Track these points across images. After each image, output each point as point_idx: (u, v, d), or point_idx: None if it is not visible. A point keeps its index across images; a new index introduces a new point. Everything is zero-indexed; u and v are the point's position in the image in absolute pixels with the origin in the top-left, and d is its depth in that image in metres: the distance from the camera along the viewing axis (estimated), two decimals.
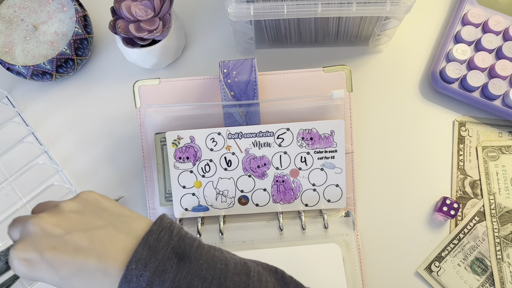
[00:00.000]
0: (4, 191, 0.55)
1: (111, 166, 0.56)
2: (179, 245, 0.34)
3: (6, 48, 0.55)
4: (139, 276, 0.32)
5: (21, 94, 0.59)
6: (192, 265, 0.33)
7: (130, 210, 0.37)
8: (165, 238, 0.34)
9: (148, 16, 0.52)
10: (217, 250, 0.36)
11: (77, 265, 0.33)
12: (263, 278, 0.35)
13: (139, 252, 0.33)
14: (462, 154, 0.54)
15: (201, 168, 0.49)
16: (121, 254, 0.33)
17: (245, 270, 0.34)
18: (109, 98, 0.59)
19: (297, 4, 0.46)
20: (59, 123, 0.58)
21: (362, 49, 0.59)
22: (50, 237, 0.34)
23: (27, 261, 0.33)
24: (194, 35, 0.60)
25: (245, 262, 0.36)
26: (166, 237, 0.34)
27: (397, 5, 0.46)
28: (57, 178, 0.56)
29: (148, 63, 0.56)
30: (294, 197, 0.50)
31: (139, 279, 0.32)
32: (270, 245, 0.49)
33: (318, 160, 0.49)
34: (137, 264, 0.32)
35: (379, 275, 0.52)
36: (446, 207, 0.51)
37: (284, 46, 0.59)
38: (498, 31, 0.55)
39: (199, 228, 0.50)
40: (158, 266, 0.33)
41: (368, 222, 0.53)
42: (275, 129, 0.48)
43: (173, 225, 0.36)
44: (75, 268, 0.33)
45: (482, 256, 0.51)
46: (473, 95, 0.54)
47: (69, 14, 0.55)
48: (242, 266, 0.35)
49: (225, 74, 0.48)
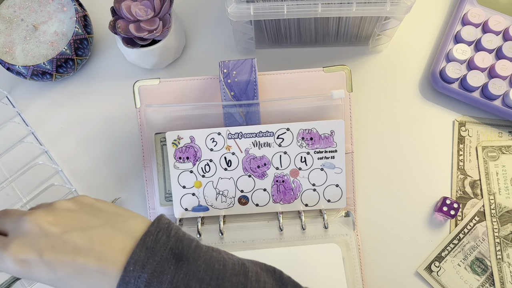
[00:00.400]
0: (4, 191, 0.55)
1: (111, 166, 0.56)
2: (177, 246, 0.34)
3: (6, 48, 0.55)
4: (137, 278, 0.32)
5: (21, 94, 0.59)
6: (190, 266, 0.33)
7: (126, 209, 0.37)
8: (163, 239, 0.34)
9: (148, 16, 0.52)
10: (215, 250, 0.36)
11: (77, 266, 0.32)
12: (261, 278, 0.34)
13: (137, 253, 0.33)
14: (462, 154, 0.54)
15: (201, 168, 0.49)
16: (120, 255, 0.33)
17: (243, 271, 0.34)
18: (109, 98, 0.59)
19: (297, 4, 0.46)
20: (59, 123, 0.58)
21: (362, 49, 0.59)
22: (48, 236, 0.33)
23: (24, 262, 0.32)
24: (194, 35, 0.60)
25: (243, 262, 0.35)
26: (164, 238, 0.34)
27: (397, 5, 0.46)
28: (57, 178, 0.56)
29: (148, 63, 0.56)
30: (294, 197, 0.50)
31: (137, 281, 0.32)
32: (270, 245, 0.49)
33: (318, 160, 0.49)
34: (135, 266, 0.32)
35: (379, 275, 0.52)
36: (446, 207, 0.51)
37: (284, 46, 0.59)
38: (498, 31, 0.55)
39: (199, 228, 0.50)
40: (156, 268, 0.32)
41: (368, 222, 0.53)
42: (275, 129, 0.48)
43: (171, 226, 0.35)
44: (74, 269, 0.32)
45: (482, 256, 0.51)
46: (473, 95, 0.54)
47: (69, 14, 0.55)
48: (240, 267, 0.35)
49: (225, 74, 0.48)
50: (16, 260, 0.32)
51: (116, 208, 0.37)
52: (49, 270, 0.32)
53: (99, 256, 0.33)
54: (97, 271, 0.32)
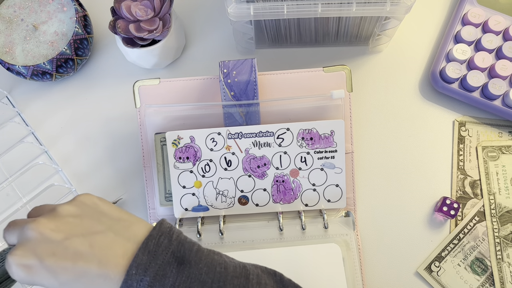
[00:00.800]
0: (4, 191, 0.55)
1: (111, 166, 0.56)
2: (179, 250, 0.34)
3: (6, 48, 0.55)
4: (139, 281, 0.32)
5: (21, 94, 0.59)
6: (192, 269, 0.33)
7: (129, 214, 0.37)
8: (165, 243, 0.34)
9: (148, 16, 0.52)
10: (216, 254, 0.36)
11: (78, 271, 0.33)
12: (262, 281, 0.35)
13: (139, 257, 0.33)
14: (462, 154, 0.54)
15: (201, 168, 0.49)
16: (121, 259, 0.33)
17: (244, 273, 0.35)
18: (109, 98, 0.59)
19: (297, 4, 0.46)
20: (59, 123, 0.58)
21: (362, 49, 0.59)
22: (49, 243, 0.33)
23: (26, 267, 0.33)
24: (194, 35, 0.60)
25: (244, 265, 0.36)
26: (166, 241, 0.34)
27: (397, 5, 0.46)
28: (57, 178, 0.56)
29: (148, 63, 0.56)
30: (294, 197, 0.50)
31: (140, 284, 0.32)
32: (270, 245, 0.49)
33: (318, 160, 0.49)
34: (137, 269, 0.32)
35: (379, 275, 0.52)
36: (446, 207, 0.51)
37: (284, 46, 0.59)
38: (498, 31, 0.55)
39: (199, 228, 0.50)
40: (158, 271, 0.33)
41: (368, 222, 0.53)
42: (275, 129, 0.48)
43: (172, 230, 0.36)
44: (75, 274, 0.33)
45: (482, 256, 0.51)
46: (473, 95, 0.54)
47: (69, 14, 0.55)
48: (241, 269, 0.35)
49: (225, 74, 0.48)
50: (18, 265, 0.33)
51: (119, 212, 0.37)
52: (51, 275, 0.33)
53: (100, 260, 0.33)
54: (98, 275, 0.33)
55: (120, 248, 0.34)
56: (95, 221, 0.36)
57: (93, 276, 0.33)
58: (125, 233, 0.35)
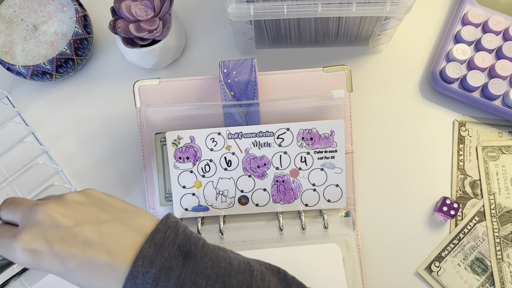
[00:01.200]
0: (4, 191, 0.55)
1: (111, 166, 0.56)
2: (185, 244, 0.35)
3: (6, 48, 0.55)
4: (145, 273, 0.32)
5: (21, 94, 0.59)
6: (197, 263, 0.34)
7: (134, 206, 0.38)
8: (171, 237, 0.34)
9: (148, 16, 0.52)
10: (221, 249, 0.36)
11: (86, 259, 0.33)
12: (266, 277, 0.35)
13: (146, 249, 0.33)
14: (462, 154, 0.54)
15: (201, 168, 0.49)
16: (129, 250, 0.33)
17: (249, 269, 0.35)
18: (109, 98, 0.59)
19: (297, 4, 0.46)
20: (59, 123, 0.58)
21: (362, 49, 0.59)
22: (59, 228, 0.33)
23: (33, 252, 0.32)
24: (194, 35, 0.60)
25: (249, 261, 0.36)
26: (172, 235, 0.35)
27: (397, 5, 0.46)
28: (57, 178, 0.56)
29: (148, 63, 0.56)
30: (294, 197, 0.50)
31: (145, 276, 0.32)
32: (270, 245, 0.49)
33: (318, 160, 0.49)
34: (144, 261, 0.33)
35: (379, 275, 0.52)
36: (446, 207, 0.51)
37: (284, 46, 0.59)
38: (498, 31, 0.55)
39: (199, 228, 0.50)
40: (164, 264, 0.33)
41: (368, 222, 0.53)
42: (275, 129, 0.48)
43: (178, 224, 0.36)
44: (83, 261, 0.33)
45: (482, 256, 0.51)
46: (473, 95, 0.54)
47: (69, 14, 0.55)
48: (246, 266, 0.35)
49: (225, 74, 0.48)
50: (25, 250, 0.32)
51: (124, 204, 0.37)
52: (58, 262, 0.32)
53: (108, 250, 0.33)
54: (106, 265, 0.33)
55: (129, 239, 0.34)
56: (102, 211, 0.36)
57: (101, 266, 0.33)
58: (132, 224, 0.35)
